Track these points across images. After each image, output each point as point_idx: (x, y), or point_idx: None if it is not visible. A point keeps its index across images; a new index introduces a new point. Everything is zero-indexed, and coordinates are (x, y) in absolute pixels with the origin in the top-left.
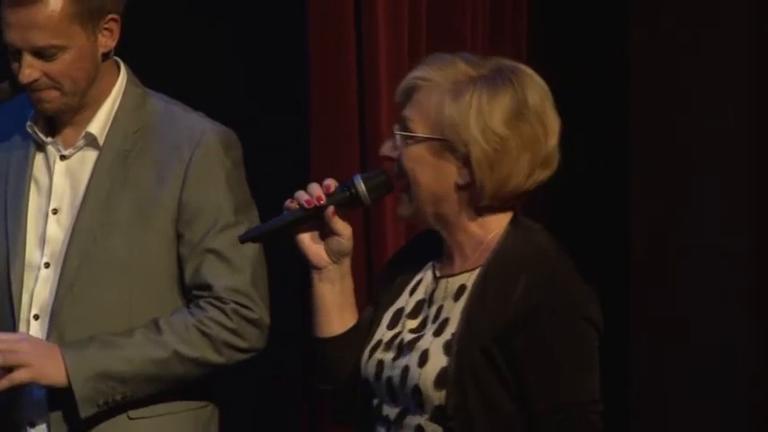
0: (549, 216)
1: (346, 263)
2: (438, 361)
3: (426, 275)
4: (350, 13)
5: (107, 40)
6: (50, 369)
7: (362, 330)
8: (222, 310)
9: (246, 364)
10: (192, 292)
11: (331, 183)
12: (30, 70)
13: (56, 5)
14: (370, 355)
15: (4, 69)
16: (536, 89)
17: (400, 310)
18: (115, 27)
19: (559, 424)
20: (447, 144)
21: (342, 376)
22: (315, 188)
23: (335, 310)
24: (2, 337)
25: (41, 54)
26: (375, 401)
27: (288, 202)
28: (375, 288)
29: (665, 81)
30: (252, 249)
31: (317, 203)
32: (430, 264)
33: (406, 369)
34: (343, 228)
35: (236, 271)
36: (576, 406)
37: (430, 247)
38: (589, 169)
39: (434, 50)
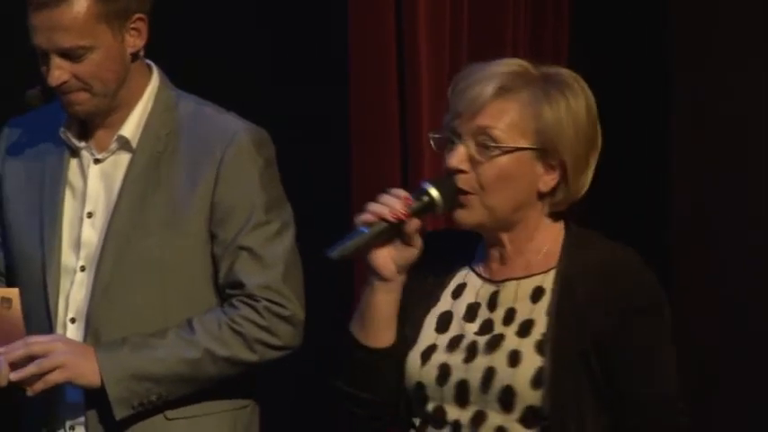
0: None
1: (405, 275)
2: (532, 361)
3: (469, 279)
4: (391, 25)
5: (135, 40)
6: (85, 369)
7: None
8: (254, 308)
9: (285, 363)
10: (225, 290)
11: (407, 194)
12: (58, 72)
13: (81, 6)
14: (425, 360)
15: (34, 76)
16: (588, 90)
17: (447, 314)
18: (143, 27)
19: (657, 414)
20: (541, 152)
21: (389, 385)
22: (394, 201)
23: (389, 321)
24: (37, 339)
25: (69, 55)
26: (432, 406)
27: (366, 216)
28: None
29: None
30: (284, 246)
31: (402, 217)
32: (465, 267)
33: (490, 370)
34: (419, 240)
35: (267, 268)
36: (673, 400)
37: (449, 251)
38: (629, 173)
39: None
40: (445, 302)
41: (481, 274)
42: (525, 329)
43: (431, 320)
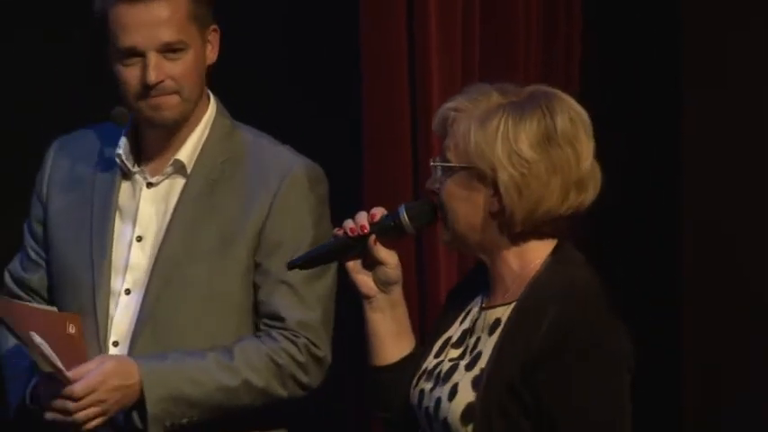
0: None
1: (396, 291)
2: (466, 396)
3: (474, 306)
4: (403, 42)
5: (210, 52)
6: (126, 401)
7: (418, 358)
8: (294, 344)
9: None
10: (263, 320)
11: (377, 212)
12: (156, 71)
13: (178, 1)
14: (416, 384)
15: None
16: (567, 114)
17: (448, 340)
18: (216, 40)
19: None
20: (476, 172)
21: (395, 403)
22: (361, 217)
23: (389, 338)
24: (88, 384)
25: (169, 51)
26: (421, 429)
27: (336, 230)
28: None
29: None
30: (324, 286)
31: (360, 232)
32: (480, 295)
33: (438, 401)
34: (387, 256)
35: (308, 307)
36: None
37: (481, 277)
38: (641, 185)
39: (487, 74)
40: (453, 328)
41: (482, 302)
42: (473, 362)
43: (437, 345)
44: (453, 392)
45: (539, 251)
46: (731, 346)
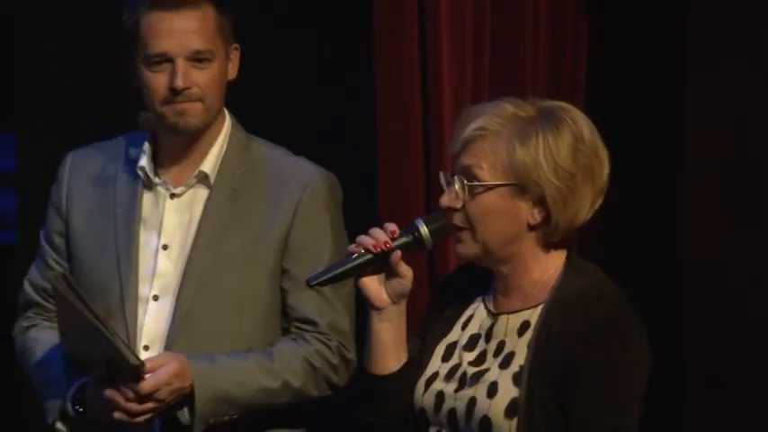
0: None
1: (404, 303)
2: (508, 392)
3: (478, 311)
4: (416, 67)
5: (231, 69)
6: (179, 402)
7: (413, 364)
8: (328, 347)
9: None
10: (294, 323)
11: (393, 227)
12: (184, 77)
13: (209, 13)
14: (427, 387)
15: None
16: (587, 123)
17: (454, 344)
18: (236, 58)
19: None
20: (520, 188)
21: (392, 409)
22: (379, 233)
23: (391, 348)
24: (156, 383)
25: (196, 60)
26: (433, 430)
27: (352, 247)
28: (420, 322)
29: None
30: (348, 290)
31: (383, 248)
32: (479, 299)
33: (472, 400)
34: (406, 270)
35: (337, 311)
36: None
37: (472, 282)
38: (642, 194)
39: (498, 91)
40: (455, 333)
41: (487, 307)
42: (507, 362)
43: (440, 350)
44: (493, 390)
45: (555, 260)
46: (733, 354)
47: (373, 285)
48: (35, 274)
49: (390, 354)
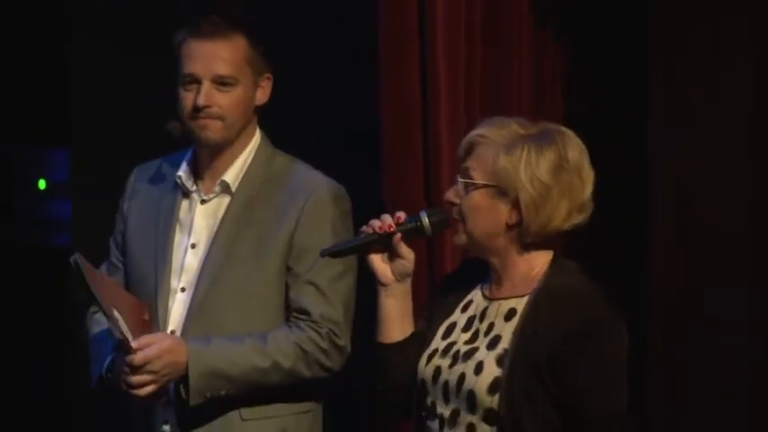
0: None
1: (408, 282)
2: (492, 371)
3: (476, 296)
4: (416, 85)
5: (261, 95)
6: (172, 378)
7: (418, 339)
8: (318, 333)
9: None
10: (293, 314)
11: (401, 215)
12: (206, 96)
13: (238, 44)
14: (428, 361)
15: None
16: (575, 147)
17: (453, 324)
18: (268, 86)
19: (596, 426)
20: (500, 189)
21: (396, 377)
22: (387, 218)
23: (396, 320)
24: (146, 356)
25: (220, 83)
26: (429, 400)
27: (363, 227)
28: (427, 306)
29: (679, 125)
30: (345, 286)
31: (387, 230)
32: (478, 286)
33: (462, 375)
34: (407, 252)
35: (330, 304)
36: (613, 413)
37: (475, 272)
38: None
39: (487, 107)
40: (456, 314)
41: (484, 293)
42: (494, 344)
43: (442, 329)
44: (479, 368)
45: (541, 258)
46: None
47: (379, 264)
48: (103, 268)
49: (395, 326)
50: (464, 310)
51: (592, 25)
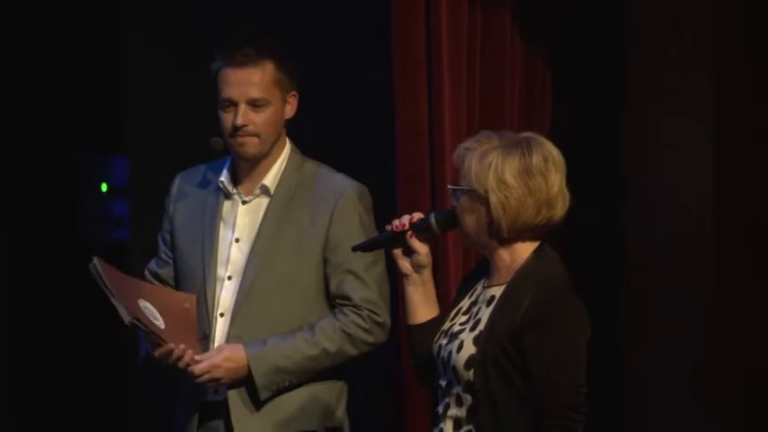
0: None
1: (426, 272)
2: (469, 350)
3: (479, 286)
4: (424, 109)
5: (289, 110)
6: (236, 375)
7: (440, 321)
8: (360, 315)
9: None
10: (335, 300)
11: (416, 215)
12: (243, 117)
13: (269, 70)
14: (437, 340)
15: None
16: (541, 154)
17: (459, 309)
18: (295, 102)
19: (551, 397)
20: (477, 193)
21: (422, 352)
22: (404, 218)
23: (420, 305)
24: (212, 362)
25: (254, 105)
26: (438, 373)
27: (387, 225)
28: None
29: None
30: (378, 271)
31: (401, 228)
32: (483, 278)
33: (450, 353)
34: (419, 247)
35: (368, 287)
36: (562, 386)
37: (483, 269)
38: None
39: (485, 120)
40: (464, 301)
41: (484, 283)
42: (475, 326)
43: (452, 313)
44: (460, 347)
45: (525, 249)
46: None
47: (399, 257)
48: (152, 263)
49: (419, 310)
50: (470, 297)
51: (575, 47)
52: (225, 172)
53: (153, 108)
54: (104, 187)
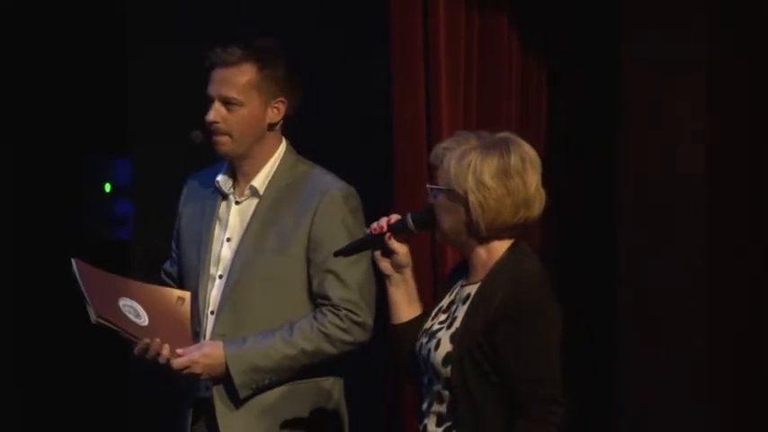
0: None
1: (407, 272)
2: (445, 347)
3: (458, 284)
4: (422, 109)
5: (273, 115)
6: (216, 372)
7: (422, 320)
8: (337, 315)
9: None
10: (316, 299)
11: (393, 216)
12: (214, 113)
13: (248, 72)
14: (419, 338)
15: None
16: (519, 154)
17: (440, 308)
18: (282, 108)
19: (527, 390)
20: (455, 193)
21: (405, 351)
22: (382, 220)
23: (403, 304)
24: (191, 358)
25: (227, 104)
26: (421, 371)
27: (366, 228)
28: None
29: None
30: (360, 270)
31: (379, 230)
32: (463, 277)
33: (428, 351)
34: (398, 248)
35: (347, 287)
36: (537, 379)
37: (464, 268)
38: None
39: (481, 123)
40: (445, 300)
41: (462, 281)
42: (451, 324)
43: (434, 312)
44: (438, 345)
45: (500, 247)
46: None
47: (380, 259)
48: (167, 263)
49: (402, 309)
50: (450, 295)
51: (571, 47)
52: (222, 172)
53: (156, 110)
54: (108, 188)
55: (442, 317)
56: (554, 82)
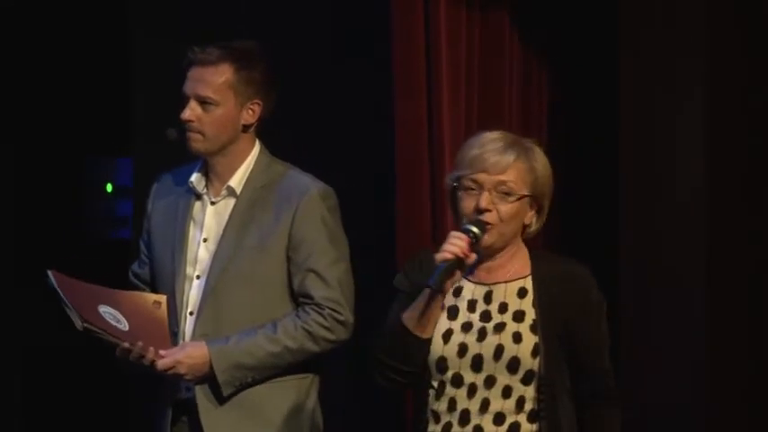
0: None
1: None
2: (530, 339)
3: (464, 284)
4: (423, 116)
5: (248, 117)
6: (199, 371)
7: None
8: (320, 314)
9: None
10: (298, 299)
11: (461, 236)
12: (190, 111)
13: (224, 72)
14: (446, 340)
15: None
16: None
17: (454, 307)
18: (257, 110)
19: (605, 379)
20: (533, 198)
21: (417, 360)
22: (455, 242)
23: (434, 320)
24: (175, 359)
25: (202, 102)
26: (451, 373)
27: (441, 256)
28: (399, 294)
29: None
30: (341, 269)
31: (467, 252)
32: (467, 277)
33: (500, 346)
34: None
35: (329, 286)
36: (608, 369)
37: (429, 264)
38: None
39: (483, 118)
40: (449, 299)
41: (472, 280)
42: (519, 317)
43: (444, 313)
44: (518, 338)
45: (519, 248)
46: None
47: (456, 278)
48: (135, 264)
49: (432, 324)
50: (456, 295)
51: (572, 46)
52: (196, 172)
53: (157, 110)
54: (109, 188)
55: (474, 315)
56: (554, 82)
